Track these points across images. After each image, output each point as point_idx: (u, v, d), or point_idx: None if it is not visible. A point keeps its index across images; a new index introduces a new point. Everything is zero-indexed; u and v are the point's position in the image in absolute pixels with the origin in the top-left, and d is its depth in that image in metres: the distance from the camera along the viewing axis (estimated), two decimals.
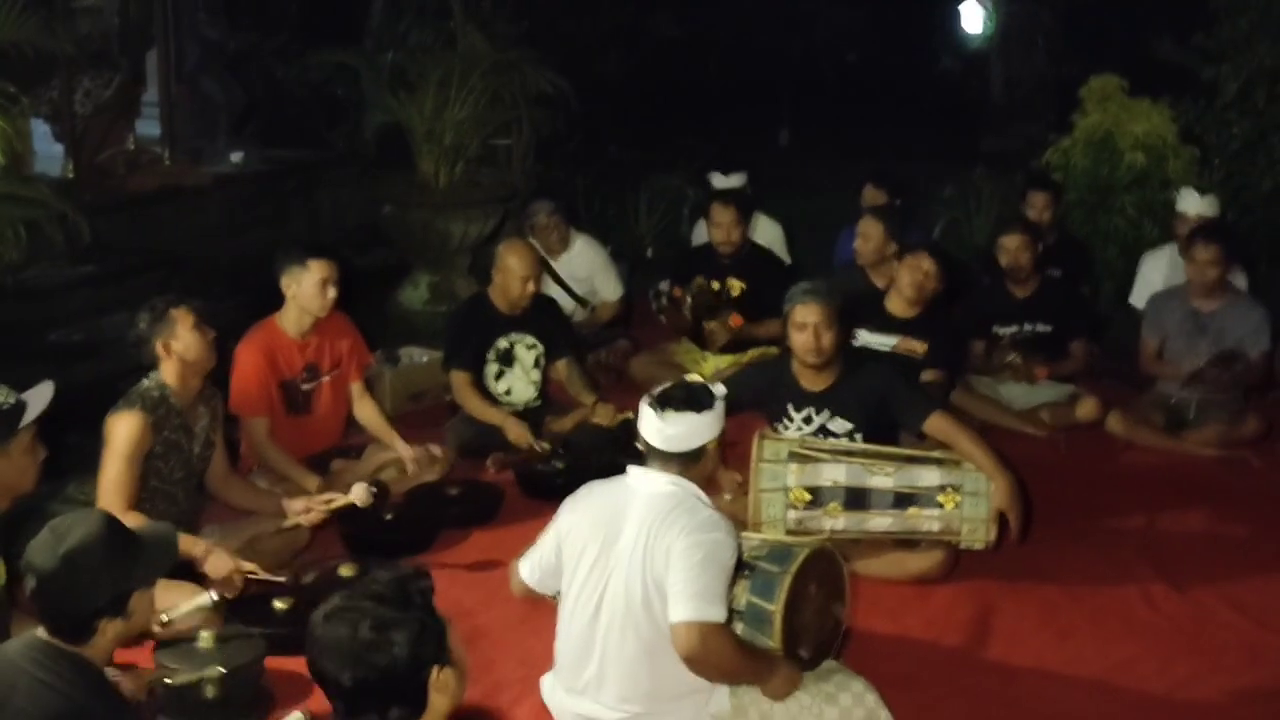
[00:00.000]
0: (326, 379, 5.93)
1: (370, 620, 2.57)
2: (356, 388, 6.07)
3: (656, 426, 3.87)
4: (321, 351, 5.89)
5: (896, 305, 6.51)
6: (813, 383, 5.46)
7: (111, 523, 3.22)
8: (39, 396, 3.91)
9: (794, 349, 5.41)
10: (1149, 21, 9.70)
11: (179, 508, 5.04)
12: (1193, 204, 7.61)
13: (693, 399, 3.90)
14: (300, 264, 5.64)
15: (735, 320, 7.42)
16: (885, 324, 6.49)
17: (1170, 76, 9.09)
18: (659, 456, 3.89)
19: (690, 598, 3.61)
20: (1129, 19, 12.08)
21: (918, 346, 6.43)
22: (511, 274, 6.46)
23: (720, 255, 7.56)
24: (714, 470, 4.09)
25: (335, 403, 6.01)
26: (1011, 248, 7.08)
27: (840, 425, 5.44)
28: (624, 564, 3.75)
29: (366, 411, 6.09)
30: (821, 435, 5.44)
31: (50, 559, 3.08)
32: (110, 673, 3.71)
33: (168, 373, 4.94)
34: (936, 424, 5.29)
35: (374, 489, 5.27)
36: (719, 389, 4.00)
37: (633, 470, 3.93)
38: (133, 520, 4.63)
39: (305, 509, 5.20)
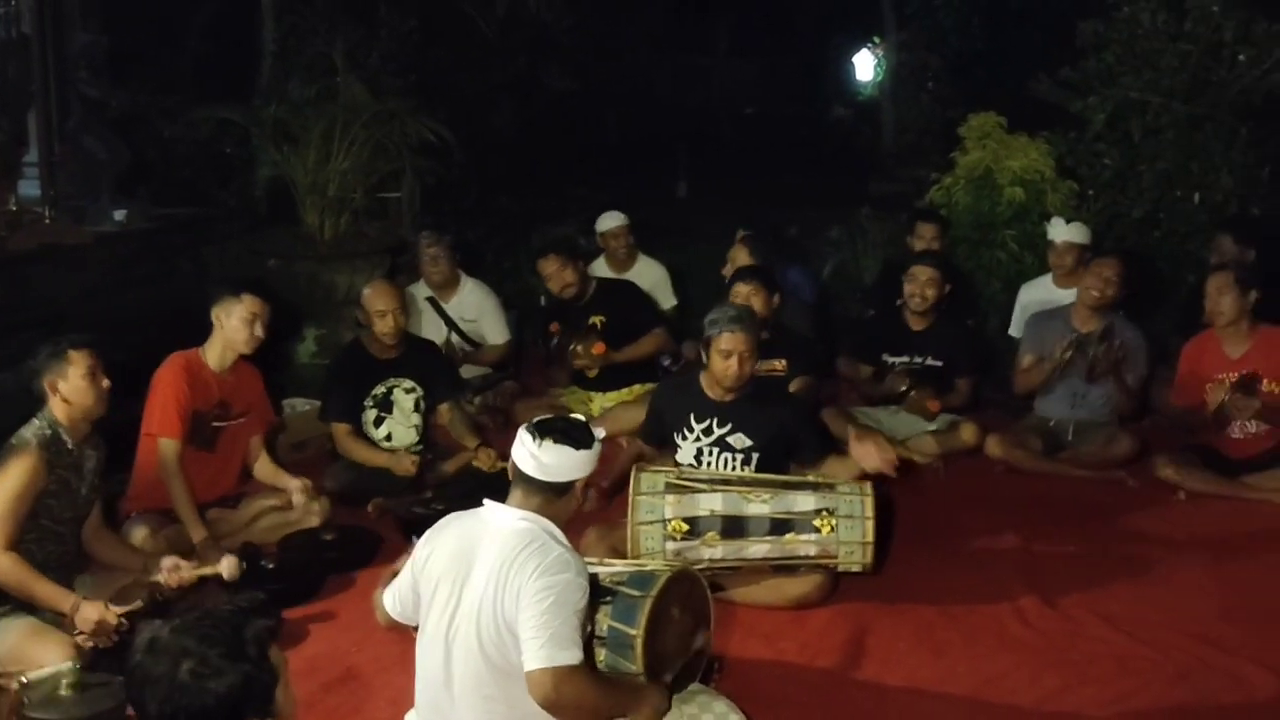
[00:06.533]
0: (235, 422, 5.91)
1: (193, 662, 2.47)
2: (256, 441, 6.07)
3: (531, 452, 3.82)
4: (237, 393, 5.89)
5: None
6: (719, 395, 5.56)
7: None
8: None
9: (715, 373, 5.52)
10: (1027, 62, 9.85)
11: (65, 547, 4.98)
12: (1060, 231, 7.76)
13: (573, 434, 3.86)
14: (235, 295, 5.71)
15: (598, 348, 7.48)
16: None
17: (1048, 113, 9.24)
18: (525, 484, 3.84)
19: (542, 645, 3.56)
20: (1009, 61, 12.30)
21: (777, 365, 6.56)
22: (371, 310, 6.51)
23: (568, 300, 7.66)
24: (574, 513, 4.01)
25: (235, 449, 5.99)
26: (923, 278, 7.17)
27: (740, 440, 5.52)
28: (475, 604, 3.70)
29: (263, 466, 6.08)
30: (718, 449, 5.52)
31: None
32: None
33: (57, 409, 4.88)
34: (828, 465, 5.48)
35: (243, 563, 5.17)
36: (600, 433, 3.97)
37: (489, 504, 3.89)
38: (9, 561, 4.61)
39: (174, 566, 5.05)
